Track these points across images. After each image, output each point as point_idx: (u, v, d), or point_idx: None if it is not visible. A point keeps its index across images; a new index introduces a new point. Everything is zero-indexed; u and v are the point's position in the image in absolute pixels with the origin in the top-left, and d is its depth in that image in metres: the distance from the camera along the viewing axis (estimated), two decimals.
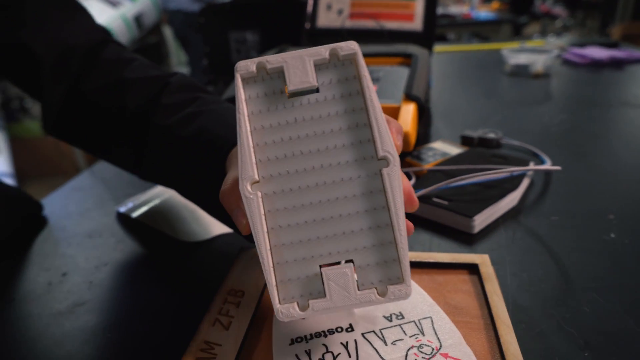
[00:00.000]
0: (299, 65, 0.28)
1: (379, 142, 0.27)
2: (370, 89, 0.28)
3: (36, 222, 0.55)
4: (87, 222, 0.54)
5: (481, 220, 0.46)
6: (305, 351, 0.31)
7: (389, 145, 0.27)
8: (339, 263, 0.28)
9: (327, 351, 0.31)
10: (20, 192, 0.55)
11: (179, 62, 3.41)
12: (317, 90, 0.28)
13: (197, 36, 1.14)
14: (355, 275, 0.28)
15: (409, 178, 0.55)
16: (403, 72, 0.68)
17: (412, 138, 0.55)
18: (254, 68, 0.28)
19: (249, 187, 0.28)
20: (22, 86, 0.47)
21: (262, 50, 1.05)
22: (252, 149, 0.28)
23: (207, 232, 0.49)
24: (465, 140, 0.67)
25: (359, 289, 0.28)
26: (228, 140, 0.36)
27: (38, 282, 0.44)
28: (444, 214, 0.47)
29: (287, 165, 0.28)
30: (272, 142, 0.28)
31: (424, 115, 0.60)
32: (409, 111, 0.57)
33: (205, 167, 0.37)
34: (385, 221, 0.28)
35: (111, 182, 0.64)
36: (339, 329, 0.33)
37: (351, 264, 0.28)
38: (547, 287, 0.38)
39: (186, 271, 0.44)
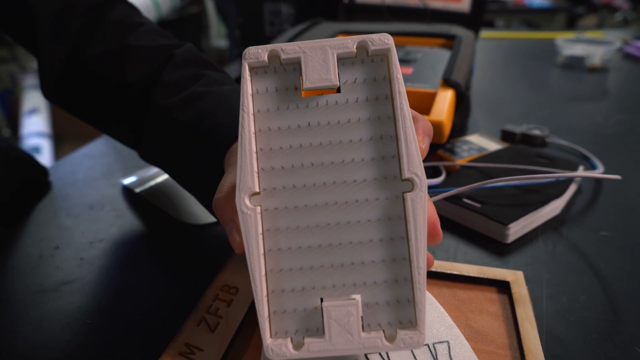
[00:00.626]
0: (320, 58, 0.23)
1: (405, 160, 0.23)
2: (402, 95, 0.23)
3: (40, 187, 0.52)
4: (91, 192, 0.51)
5: (517, 229, 0.40)
6: None
7: (417, 165, 0.23)
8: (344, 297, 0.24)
9: None
10: (24, 155, 0.53)
11: (218, 34, 3.38)
12: (338, 90, 0.24)
13: (234, 7, 1.09)
14: (361, 313, 0.24)
15: (439, 173, 0.49)
16: (444, 55, 0.62)
17: (447, 129, 0.49)
18: (265, 57, 0.23)
19: (247, 202, 0.23)
20: (21, 42, 0.44)
21: (296, 22, 1.00)
22: (254, 155, 0.24)
23: (210, 216, 0.45)
24: (506, 136, 0.60)
25: (363, 330, 0.23)
26: (230, 131, 0.32)
27: (30, 254, 0.41)
28: (474, 217, 0.42)
29: (295, 178, 0.24)
30: (279, 149, 0.24)
31: (462, 104, 0.54)
32: (445, 98, 0.51)
33: (202, 159, 0.33)
34: (403, 254, 0.24)
35: (124, 151, 0.61)
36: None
37: (358, 301, 0.23)
38: (591, 317, 0.32)
39: (183, 255, 0.40)
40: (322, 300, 0.24)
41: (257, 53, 0.23)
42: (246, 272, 0.34)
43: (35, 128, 2.22)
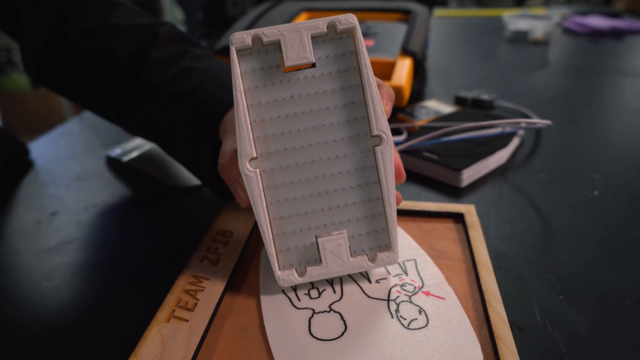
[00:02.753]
0: (296, 39, 0.27)
1: (374, 121, 0.28)
2: (368, 66, 0.28)
3: (21, 164, 0.54)
4: (76, 165, 0.54)
5: (469, 175, 0.46)
6: (292, 287, 0.32)
7: (384, 124, 0.28)
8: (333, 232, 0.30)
9: (313, 287, 0.32)
10: (3, 132, 0.54)
11: (173, 19, 3.30)
12: (313, 66, 0.28)
13: None
14: (348, 243, 0.30)
15: (400, 133, 0.55)
16: (401, 28, 0.67)
17: (406, 93, 0.55)
18: (249, 41, 0.27)
19: (248, 166, 0.28)
20: (1, 26, 0.45)
21: (258, 2, 1.03)
22: (249, 126, 0.28)
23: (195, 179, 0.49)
24: (459, 101, 0.67)
25: (351, 255, 0.30)
26: (222, 102, 0.36)
27: (27, 221, 0.44)
28: (433, 167, 0.48)
29: (285, 143, 0.29)
30: (269, 119, 0.29)
31: (419, 71, 0.60)
32: (404, 66, 0.56)
33: (197, 130, 0.37)
34: (377, 195, 0.30)
35: (100, 129, 0.64)
36: None
37: (345, 234, 0.30)
38: (529, 238, 0.39)
39: (176, 215, 0.44)
40: (317, 237, 0.30)
41: (242, 38, 0.27)
42: (239, 218, 0.39)
43: None
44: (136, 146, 0.53)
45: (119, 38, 0.41)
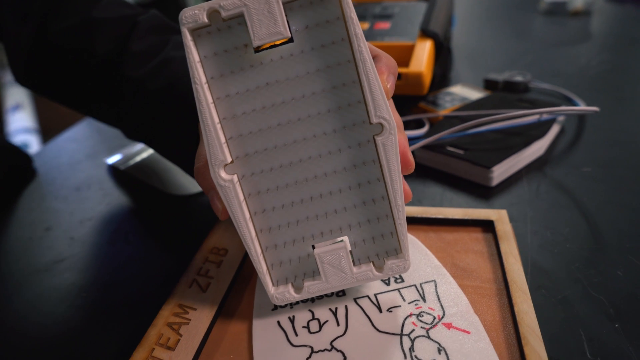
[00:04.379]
0: (264, 9, 0.21)
1: (371, 105, 0.22)
2: (359, 36, 0.22)
3: (25, 174, 0.52)
4: (76, 174, 0.51)
5: (501, 172, 0.40)
6: (289, 318, 0.27)
7: (384, 109, 0.22)
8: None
9: (313, 318, 0.27)
10: (8, 144, 0.52)
11: None
12: (291, 40, 0.22)
13: None
14: (351, 251, 0.25)
15: (422, 125, 0.49)
16: (421, 7, 0.61)
17: (427, 80, 0.49)
18: (204, 17, 0.21)
19: (222, 174, 0.23)
20: None
21: None
22: (219, 126, 0.23)
23: (196, 186, 0.45)
24: (489, 84, 0.60)
25: (354, 264, 0.26)
26: None
27: (20, 237, 0.41)
28: (458, 164, 0.42)
29: (264, 141, 0.24)
30: (242, 114, 0.23)
31: (442, 54, 0.54)
32: (424, 49, 0.50)
33: (178, 126, 0.33)
34: (381, 193, 0.25)
35: (106, 132, 0.61)
36: (329, 294, 0.29)
37: (345, 242, 0.25)
38: (574, 248, 0.33)
39: (171, 226, 0.41)
40: (313, 247, 0.25)
41: (195, 15, 0.21)
42: (235, 233, 0.34)
43: (21, 124, 2.19)
44: (136, 152, 0.50)
45: (100, 33, 0.38)
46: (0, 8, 0.40)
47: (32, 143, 2.08)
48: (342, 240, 0.25)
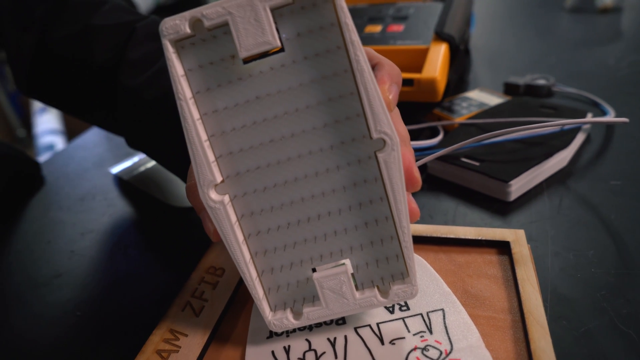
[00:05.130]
0: (250, 17, 0.19)
1: (371, 119, 0.21)
2: (355, 43, 0.20)
3: (33, 182, 0.52)
4: (82, 183, 0.51)
5: (519, 186, 0.37)
6: (284, 347, 0.26)
7: (385, 123, 0.21)
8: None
9: (310, 349, 0.25)
10: (13, 151, 0.52)
11: None
12: (281, 50, 0.21)
13: None
14: (353, 275, 0.24)
15: (437, 133, 0.47)
16: (436, 8, 0.58)
17: (441, 86, 0.47)
18: (187, 28, 0.20)
19: (212, 195, 0.22)
20: None
21: None
22: (206, 144, 0.21)
23: None
24: (509, 89, 0.57)
25: (357, 289, 0.24)
26: None
27: (22, 250, 0.41)
28: (473, 177, 0.39)
29: (256, 158, 0.22)
30: (231, 130, 0.22)
31: (457, 58, 0.51)
32: (438, 53, 0.48)
33: (174, 136, 0.32)
34: (384, 214, 0.23)
35: (115, 139, 0.60)
36: (328, 321, 0.27)
37: (347, 266, 0.23)
38: (600, 273, 0.30)
39: (172, 238, 0.39)
40: (313, 272, 0.24)
41: (176, 25, 0.20)
42: None
43: (47, 126, 2.24)
44: (141, 162, 0.49)
45: (98, 40, 0.37)
46: (2, 18, 0.40)
47: (57, 144, 2.13)
48: (343, 264, 0.23)
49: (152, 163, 0.49)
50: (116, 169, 0.49)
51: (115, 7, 0.39)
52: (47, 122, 2.26)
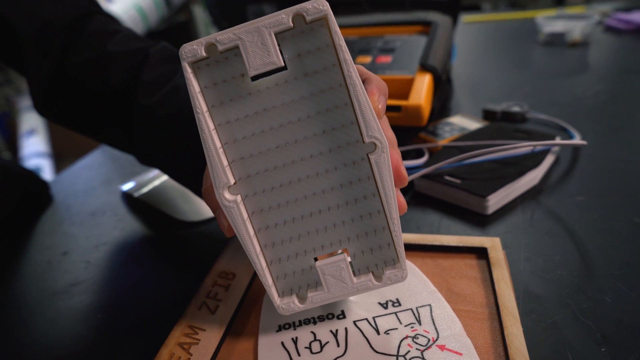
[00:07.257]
0: (257, 41, 0.23)
1: (363, 126, 0.25)
2: (348, 62, 0.24)
3: (42, 200, 0.55)
4: (92, 200, 0.54)
5: (496, 201, 0.42)
6: (292, 339, 0.29)
7: (375, 129, 0.25)
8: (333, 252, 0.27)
9: (315, 339, 0.29)
10: (25, 171, 0.55)
11: None
12: (284, 68, 0.24)
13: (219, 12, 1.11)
14: (350, 263, 0.27)
15: (422, 155, 0.51)
16: (421, 41, 0.64)
17: (426, 112, 0.52)
18: (202, 52, 0.24)
19: (226, 195, 0.25)
20: (8, 63, 0.46)
21: None
22: (221, 151, 0.25)
23: (204, 213, 0.47)
24: (488, 115, 0.62)
25: (354, 275, 0.27)
26: None
27: (39, 261, 0.44)
28: (455, 193, 0.44)
29: (264, 162, 0.26)
30: (242, 138, 0.25)
31: (440, 87, 0.56)
32: (423, 82, 0.53)
33: (186, 150, 0.35)
34: (376, 208, 0.26)
35: (120, 159, 0.64)
36: (330, 316, 0.30)
37: (344, 255, 0.27)
38: (565, 274, 0.34)
39: (183, 251, 0.43)
40: (315, 261, 0.27)
41: (194, 50, 0.24)
42: (242, 258, 0.36)
43: (34, 149, 2.24)
44: (150, 179, 0.53)
45: (113, 65, 0.40)
46: (24, 45, 0.44)
47: (44, 167, 2.13)
48: (342, 253, 0.27)
49: (160, 180, 0.52)
50: (125, 187, 0.53)
51: (129, 35, 0.43)
52: (33, 145, 2.26)
